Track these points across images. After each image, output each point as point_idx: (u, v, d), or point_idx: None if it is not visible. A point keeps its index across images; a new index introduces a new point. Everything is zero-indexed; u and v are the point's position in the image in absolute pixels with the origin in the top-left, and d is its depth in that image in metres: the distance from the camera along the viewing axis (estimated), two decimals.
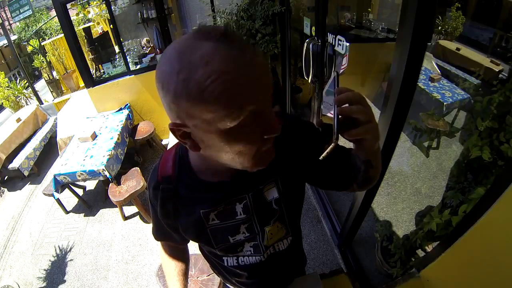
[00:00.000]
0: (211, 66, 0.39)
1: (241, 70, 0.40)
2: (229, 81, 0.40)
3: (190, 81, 0.40)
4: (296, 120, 0.69)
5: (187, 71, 0.40)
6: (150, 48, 4.47)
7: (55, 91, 6.11)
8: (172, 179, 0.65)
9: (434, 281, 1.10)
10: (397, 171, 2.47)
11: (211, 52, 0.40)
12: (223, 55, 0.40)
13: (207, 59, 0.39)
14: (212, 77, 0.39)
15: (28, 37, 6.69)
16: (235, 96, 0.41)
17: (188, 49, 0.41)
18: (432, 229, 1.29)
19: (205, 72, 0.39)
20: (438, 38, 2.42)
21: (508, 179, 0.73)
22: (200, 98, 0.40)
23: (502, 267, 0.81)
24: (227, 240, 0.70)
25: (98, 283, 2.32)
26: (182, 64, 0.40)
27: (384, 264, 1.70)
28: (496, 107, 1.18)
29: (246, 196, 0.65)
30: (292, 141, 0.65)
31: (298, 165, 0.67)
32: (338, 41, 1.97)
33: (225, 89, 0.40)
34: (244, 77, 0.41)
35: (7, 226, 3.11)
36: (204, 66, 0.39)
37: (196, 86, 0.40)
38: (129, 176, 2.69)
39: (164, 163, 0.67)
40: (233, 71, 0.40)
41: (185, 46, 0.42)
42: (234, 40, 0.41)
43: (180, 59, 0.41)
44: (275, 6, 2.72)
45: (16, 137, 3.90)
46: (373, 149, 0.55)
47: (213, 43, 0.40)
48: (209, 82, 0.39)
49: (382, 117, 1.17)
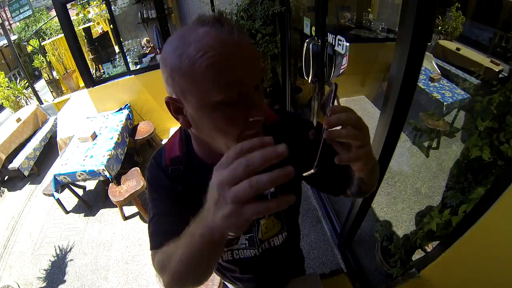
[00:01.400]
0: (201, 43, 0.44)
1: (229, 48, 0.45)
2: (216, 56, 0.44)
3: (183, 56, 0.45)
4: (295, 117, 0.71)
5: (182, 48, 0.46)
6: (150, 48, 4.47)
7: (55, 91, 6.10)
8: (181, 160, 0.64)
9: (434, 281, 1.10)
10: (397, 171, 2.47)
11: (204, 33, 0.45)
12: (213, 35, 0.45)
13: (199, 38, 0.45)
14: (201, 52, 0.44)
15: (28, 37, 6.68)
16: (221, 71, 0.44)
17: (186, 31, 0.47)
18: (432, 229, 1.29)
19: (195, 48, 0.44)
20: (438, 38, 2.42)
21: (508, 179, 0.73)
22: (190, 71, 0.45)
23: (502, 267, 0.81)
24: None
25: (98, 283, 2.32)
26: (179, 43, 0.46)
27: (384, 264, 1.70)
28: (496, 107, 1.17)
29: None
30: (289, 137, 0.64)
31: (295, 161, 0.66)
32: (338, 41, 1.97)
33: (212, 63, 0.44)
34: (231, 55, 0.45)
35: (7, 226, 3.11)
36: (196, 43, 0.44)
37: (187, 60, 0.45)
38: (129, 176, 2.69)
39: (171, 146, 0.67)
40: (220, 48, 0.44)
41: (185, 30, 0.48)
42: (224, 24, 0.46)
43: (179, 39, 0.47)
44: (275, 6, 2.72)
45: (16, 137, 3.89)
46: (366, 169, 0.53)
47: (207, 27, 0.46)
48: (199, 56, 0.44)
49: (382, 117, 1.17)
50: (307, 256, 2.09)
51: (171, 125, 3.77)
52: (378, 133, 1.21)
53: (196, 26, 0.47)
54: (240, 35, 0.46)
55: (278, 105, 3.55)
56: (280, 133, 0.65)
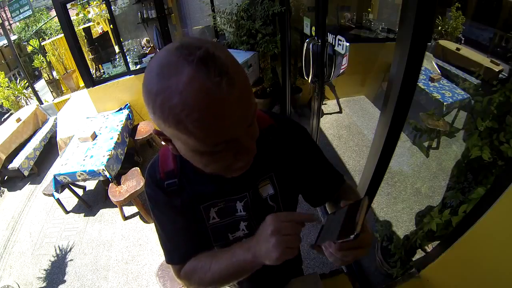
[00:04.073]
0: (185, 98, 0.39)
1: (216, 108, 0.40)
2: (201, 119, 0.40)
3: (166, 109, 0.40)
4: (288, 121, 0.71)
5: (163, 96, 0.40)
6: (150, 48, 4.47)
7: (55, 91, 6.10)
8: (175, 173, 0.64)
9: (434, 281, 1.10)
10: (397, 171, 2.47)
11: (187, 81, 0.39)
12: (198, 88, 0.39)
13: (182, 89, 0.39)
14: (186, 111, 0.39)
15: (28, 37, 6.69)
16: (208, 132, 0.42)
17: (168, 68, 0.40)
18: (432, 229, 1.29)
19: (179, 103, 0.39)
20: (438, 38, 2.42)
21: (508, 179, 0.73)
22: (175, 127, 0.42)
23: (502, 267, 0.81)
24: (226, 237, 0.71)
25: (98, 283, 2.32)
26: (160, 86, 0.40)
27: (384, 264, 1.70)
28: (496, 107, 1.17)
29: (247, 194, 0.66)
30: (284, 140, 0.67)
31: (291, 162, 0.69)
32: (338, 41, 1.97)
33: (198, 126, 0.41)
34: (218, 115, 0.41)
35: (7, 226, 3.11)
36: (179, 95, 0.39)
37: (171, 115, 0.41)
38: (129, 176, 2.69)
39: (164, 158, 0.66)
40: (206, 108, 0.39)
41: (166, 63, 0.41)
42: (211, 67, 0.39)
43: (160, 79, 0.41)
44: (275, 6, 2.72)
45: (16, 137, 3.89)
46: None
47: (191, 70, 0.39)
48: (183, 116, 0.40)
49: (382, 117, 1.17)
50: (307, 256, 2.09)
51: None
52: (378, 133, 1.21)
53: (179, 59, 0.40)
54: (229, 83, 0.40)
55: (278, 105, 3.55)
56: (275, 137, 0.65)
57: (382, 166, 1.30)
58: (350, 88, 3.60)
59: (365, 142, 3.07)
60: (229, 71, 0.40)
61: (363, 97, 3.70)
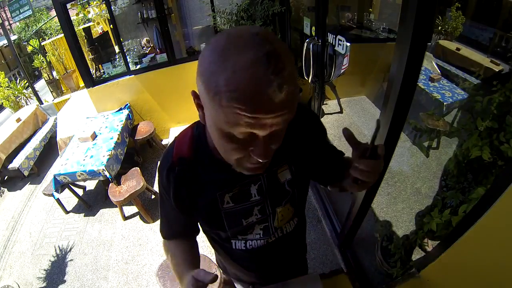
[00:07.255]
0: (235, 77, 0.40)
1: (254, 99, 0.40)
2: (237, 102, 0.40)
3: (213, 78, 0.42)
4: (302, 108, 0.71)
5: (217, 66, 0.41)
6: (150, 48, 4.46)
7: (55, 91, 6.10)
8: (189, 160, 0.65)
9: (434, 281, 1.10)
10: (397, 171, 2.47)
11: (245, 65, 0.40)
12: (250, 76, 0.39)
13: (237, 69, 0.40)
14: (229, 88, 0.40)
15: (28, 37, 6.68)
16: (236, 118, 0.42)
17: (234, 46, 0.41)
18: (432, 229, 1.29)
19: (227, 78, 0.40)
20: (438, 38, 2.42)
21: (508, 179, 0.72)
22: (212, 98, 0.43)
23: (502, 267, 0.81)
24: (240, 223, 0.71)
25: (98, 283, 2.32)
26: (218, 56, 0.42)
27: (384, 264, 1.70)
28: (496, 107, 1.18)
29: (261, 177, 0.67)
30: (300, 126, 0.68)
31: (307, 148, 0.71)
32: (339, 41, 1.97)
33: (231, 106, 0.41)
34: (253, 106, 0.41)
35: (7, 226, 3.11)
36: (231, 73, 0.40)
37: (214, 86, 0.42)
38: (129, 176, 2.69)
39: (180, 144, 0.67)
40: (247, 96, 0.40)
41: (236, 40, 0.42)
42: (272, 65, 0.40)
43: (222, 50, 0.42)
44: (275, 6, 2.72)
45: (16, 137, 3.89)
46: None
47: (254, 57, 0.40)
48: (224, 91, 0.40)
49: (382, 117, 1.16)
50: (307, 256, 2.09)
51: (171, 125, 3.77)
52: (378, 133, 1.21)
53: (247, 41, 0.41)
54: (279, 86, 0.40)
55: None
56: (292, 124, 0.65)
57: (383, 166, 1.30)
58: (350, 88, 3.60)
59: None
60: (284, 76, 0.41)
61: (363, 97, 3.70)
